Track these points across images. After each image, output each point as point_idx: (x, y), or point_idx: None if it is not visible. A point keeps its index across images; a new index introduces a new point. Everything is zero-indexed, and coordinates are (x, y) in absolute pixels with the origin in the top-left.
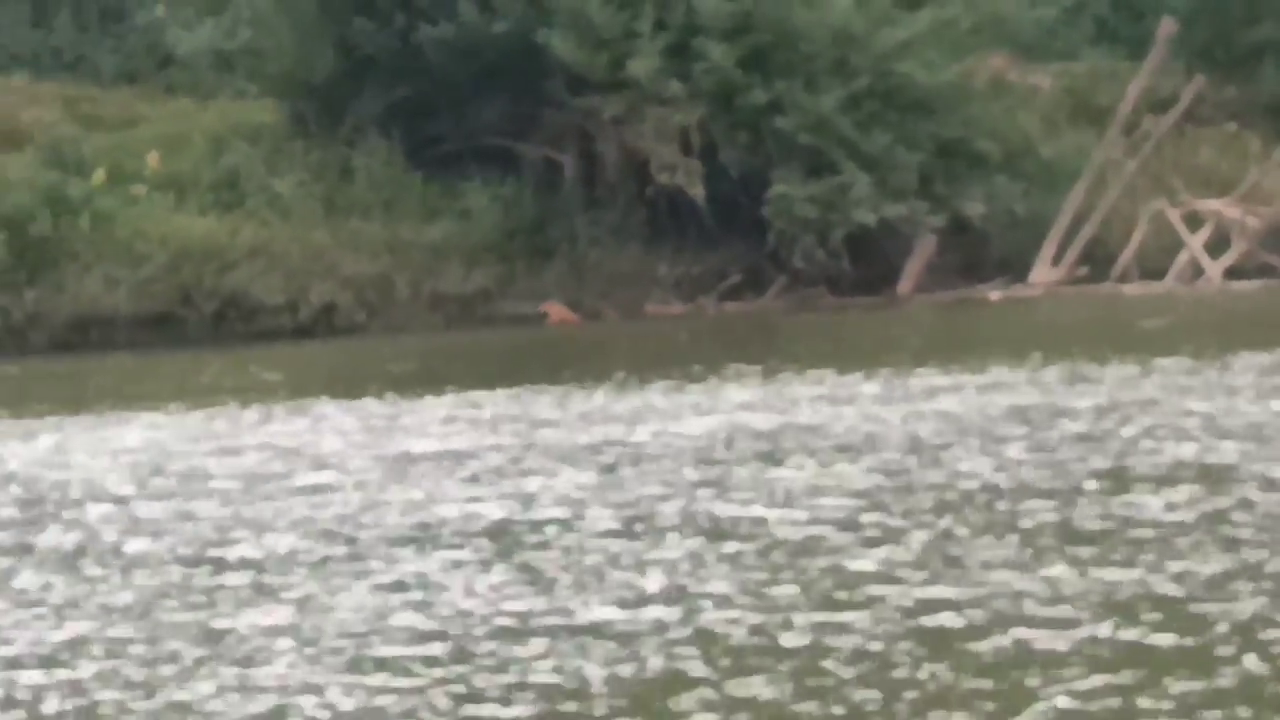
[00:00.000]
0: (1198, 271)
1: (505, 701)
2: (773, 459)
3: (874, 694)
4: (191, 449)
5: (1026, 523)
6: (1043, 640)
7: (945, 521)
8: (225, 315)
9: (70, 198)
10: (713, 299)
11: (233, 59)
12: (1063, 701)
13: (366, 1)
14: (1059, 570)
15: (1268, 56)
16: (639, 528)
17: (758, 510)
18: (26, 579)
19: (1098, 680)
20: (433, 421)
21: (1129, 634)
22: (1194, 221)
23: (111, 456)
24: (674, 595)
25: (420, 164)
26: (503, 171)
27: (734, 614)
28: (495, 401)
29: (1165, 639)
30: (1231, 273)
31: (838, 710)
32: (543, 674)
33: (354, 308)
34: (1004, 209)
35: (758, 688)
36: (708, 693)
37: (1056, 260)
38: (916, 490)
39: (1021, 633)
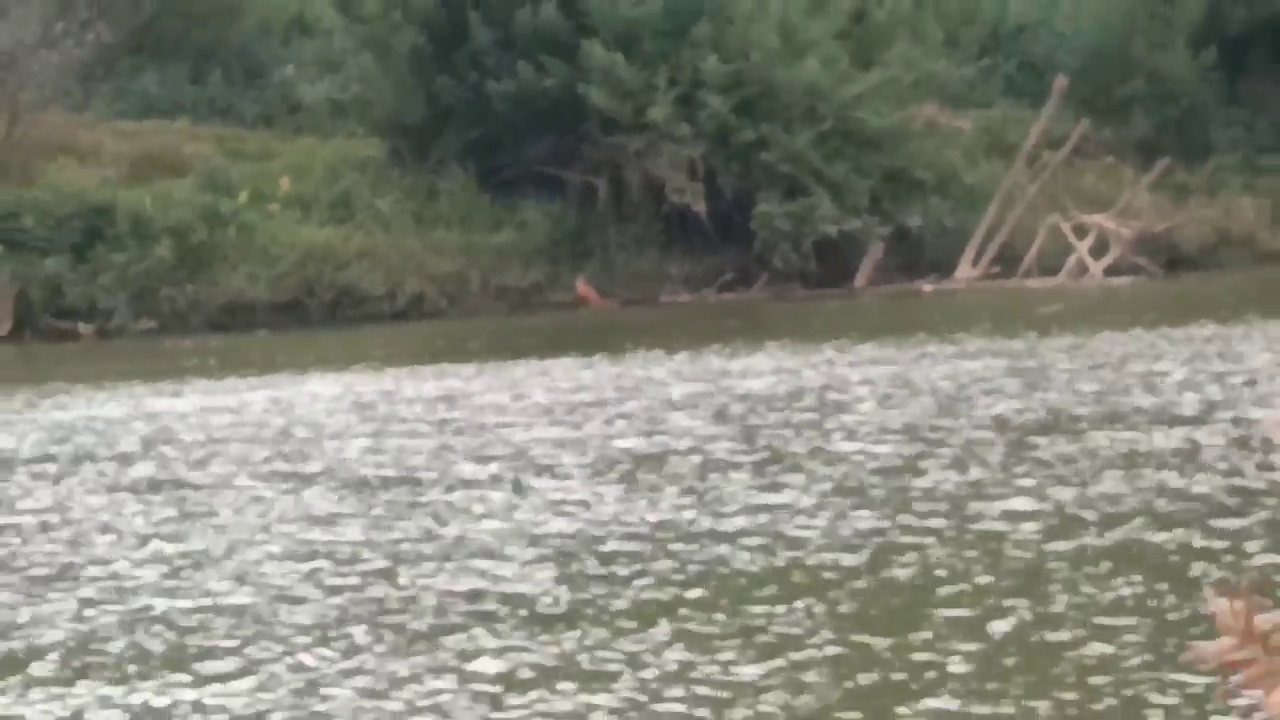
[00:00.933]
0: (1083, 270)
1: (680, 583)
2: (830, 406)
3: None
4: (377, 398)
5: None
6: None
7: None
8: (339, 303)
9: (221, 213)
10: (712, 290)
11: (346, 107)
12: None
13: (447, 63)
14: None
15: (1135, 106)
16: (759, 457)
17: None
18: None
19: None
20: (548, 378)
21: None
22: (1080, 231)
23: (325, 404)
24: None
25: (488, 187)
26: (551, 193)
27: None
28: (590, 365)
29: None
30: (1109, 270)
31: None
32: (698, 563)
33: (437, 297)
34: (935, 222)
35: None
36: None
37: (975, 261)
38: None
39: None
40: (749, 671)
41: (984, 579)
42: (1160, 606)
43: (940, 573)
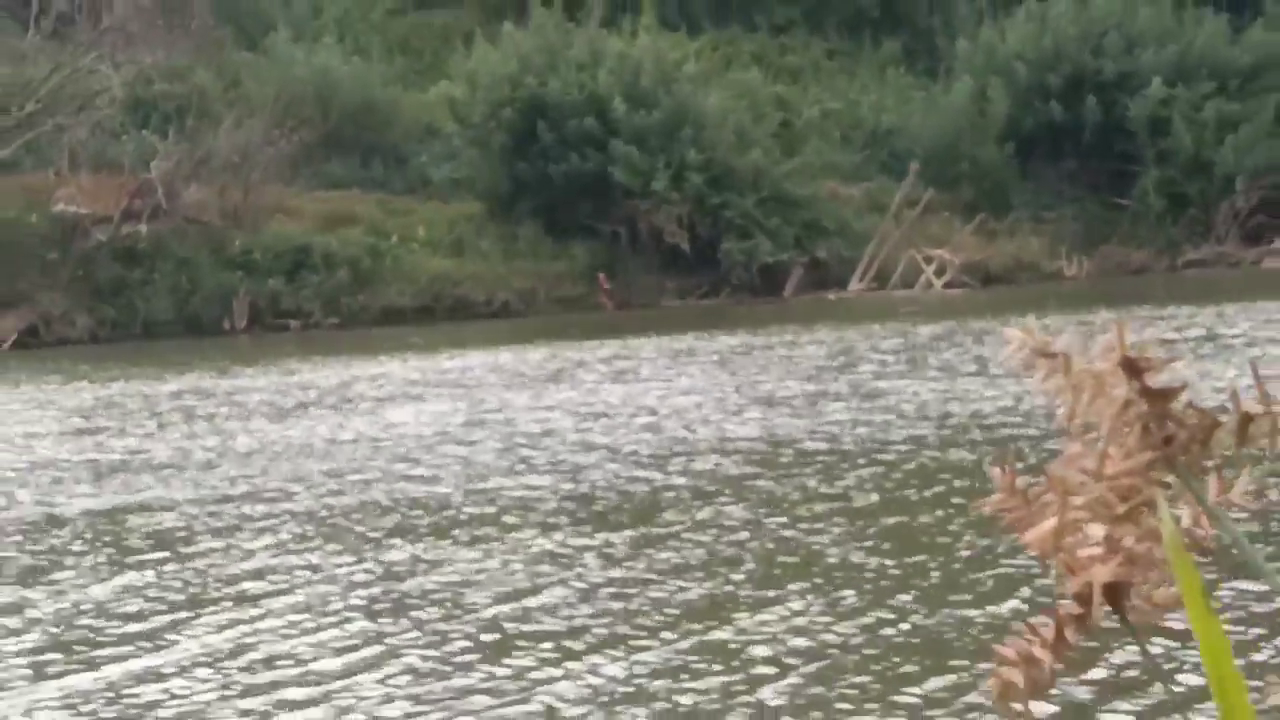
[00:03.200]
0: (929, 285)
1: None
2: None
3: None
4: (535, 371)
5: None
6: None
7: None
8: (455, 307)
9: (380, 250)
10: (693, 298)
11: (460, 182)
12: None
13: (523, 153)
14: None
15: (962, 180)
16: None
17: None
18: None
19: None
20: (648, 354)
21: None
22: (928, 260)
23: (497, 370)
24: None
25: (549, 234)
26: (590, 237)
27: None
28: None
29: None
30: (946, 285)
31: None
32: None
33: (518, 303)
34: (836, 254)
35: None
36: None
37: (862, 278)
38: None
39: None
40: None
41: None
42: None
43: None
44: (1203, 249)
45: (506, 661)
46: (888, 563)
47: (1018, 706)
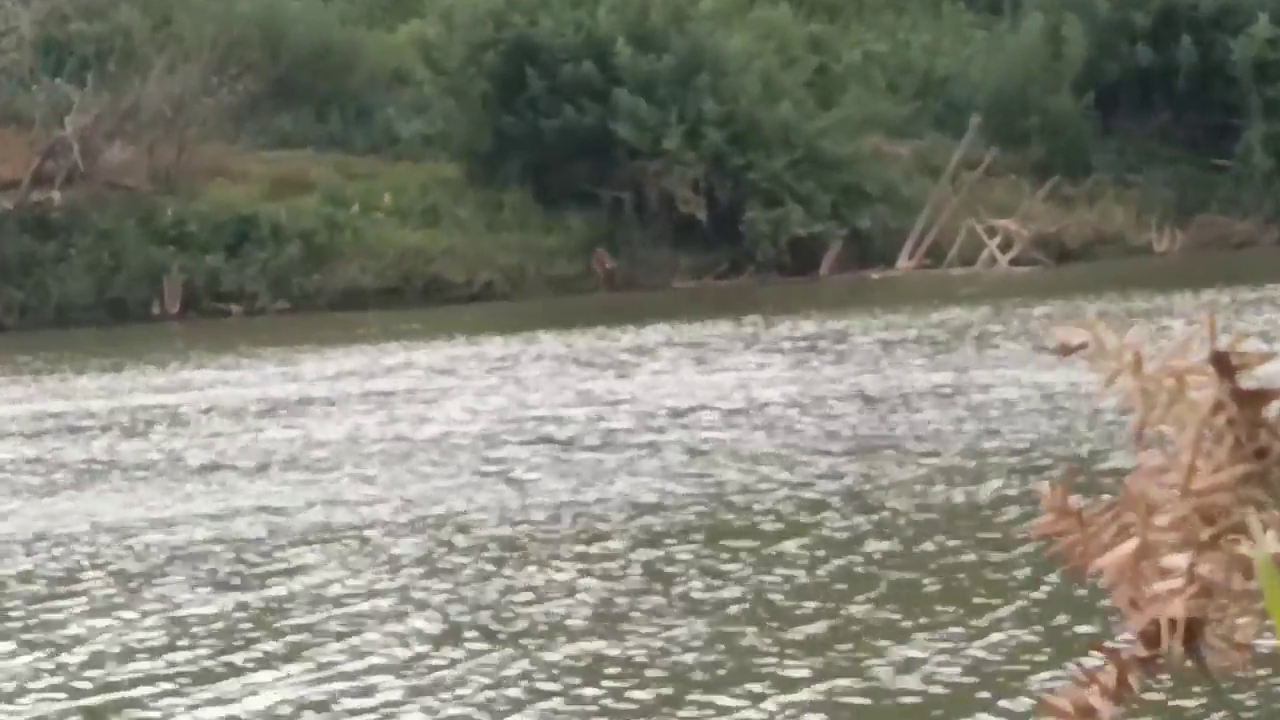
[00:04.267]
0: (993, 262)
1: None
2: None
3: None
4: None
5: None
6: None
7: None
8: (429, 288)
9: (338, 221)
10: (711, 278)
11: (433, 139)
12: None
13: (510, 105)
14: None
15: (1032, 136)
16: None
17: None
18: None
19: None
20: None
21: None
22: (991, 232)
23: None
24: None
25: (540, 201)
26: (588, 205)
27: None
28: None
29: None
30: (1013, 262)
31: None
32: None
33: (503, 284)
34: (881, 225)
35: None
36: None
37: (912, 255)
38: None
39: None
40: None
41: None
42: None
43: None
44: None
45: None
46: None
47: None
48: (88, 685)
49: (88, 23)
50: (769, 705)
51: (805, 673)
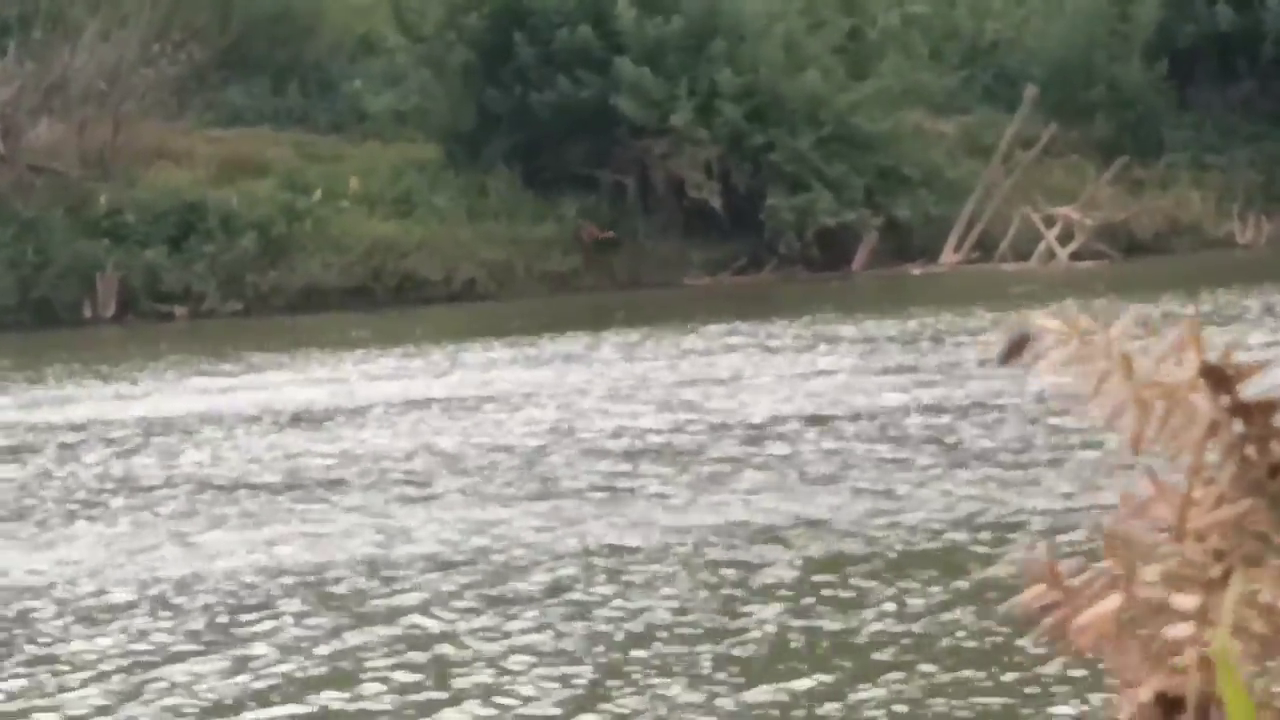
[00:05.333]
0: (1051, 255)
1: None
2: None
3: None
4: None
5: None
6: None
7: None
8: (402, 287)
9: (298, 209)
10: (727, 274)
11: (406, 116)
12: None
13: (495, 77)
14: None
15: (1097, 110)
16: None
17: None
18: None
19: None
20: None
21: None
22: (1049, 221)
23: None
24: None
25: (530, 186)
26: (586, 190)
27: None
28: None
29: None
30: (1074, 256)
31: None
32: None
33: (487, 281)
34: (922, 213)
35: None
36: None
37: (958, 247)
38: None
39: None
40: None
41: None
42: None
43: None
44: None
45: None
46: None
47: None
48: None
49: None
50: None
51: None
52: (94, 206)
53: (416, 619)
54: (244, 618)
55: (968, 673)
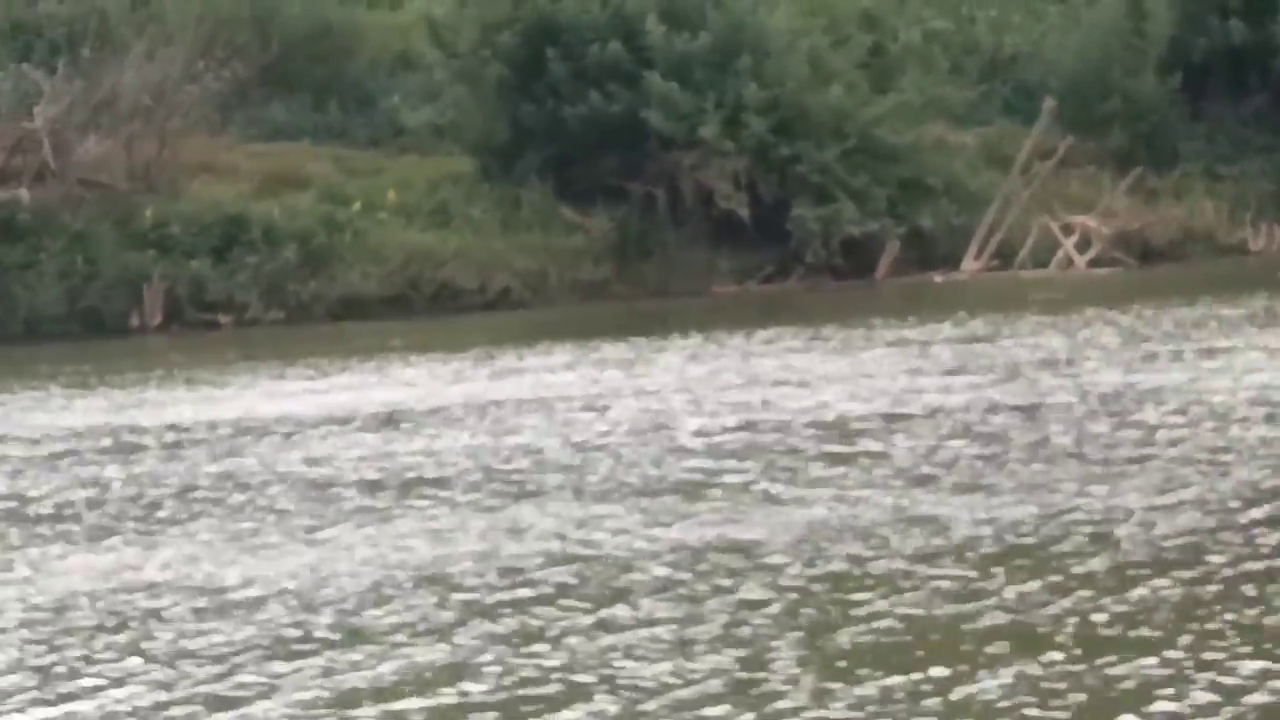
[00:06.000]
0: (1069, 263)
1: None
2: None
3: None
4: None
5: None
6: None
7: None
8: (438, 295)
9: (338, 221)
10: (754, 282)
11: (442, 130)
12: None
13: (528, 92)
14: None
15: (1113, 122)
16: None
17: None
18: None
19: None
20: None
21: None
22: (1067, 230)
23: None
24: None
25: (563, 197)
26: (617, 201)
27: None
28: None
29: None
30: (1091, 263)
31: None
32: None
33: (522, 290)
34: (944, 222)
35: None
36: None
37: (978, 256)
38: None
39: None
40: None
41: None
42: None
43: None
44: None
45: None
46: None
47: None
48: None
49: (59, 3)
50: None
51: None
52: (141, 219)
53: (537, 610)
54: (370, 611)
55: (1073, 664)
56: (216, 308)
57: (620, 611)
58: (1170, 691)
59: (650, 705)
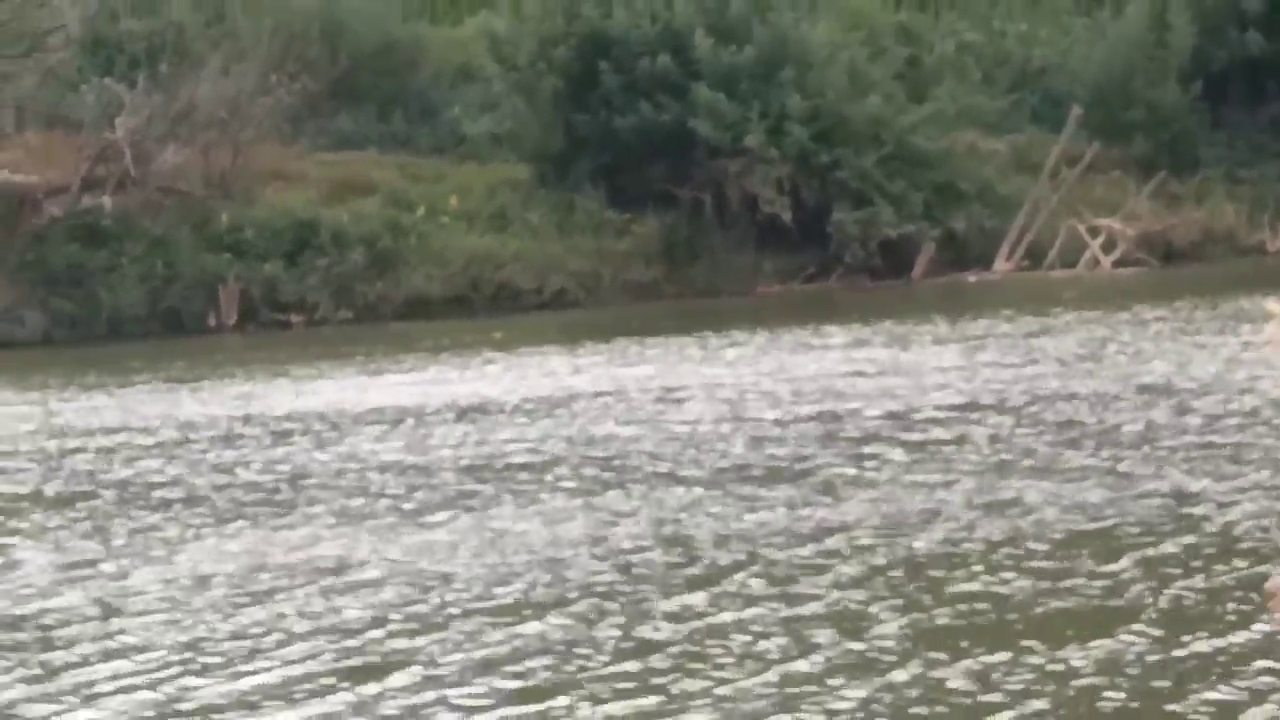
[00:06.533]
0: (1096, 263)
1: None
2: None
3: None
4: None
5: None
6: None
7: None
8: (498, 296)
9: (403, 225)
10: (797, 282)
11: (501, 139)
12: None
13: (582, 103)
14: None
15: (1136, 130)
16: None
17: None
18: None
19: None
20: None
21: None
22: (1093, 232)
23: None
24: None
25: (615, 203)
26: (666, 206)
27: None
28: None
29: None
30: (1117, 263)
31: None
32: None
33: (576, 290)
34: (976, 225)
35: None
36: None
37: (1009, 256)
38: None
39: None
40: None
41: None
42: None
43: None
44: None
45: None
46: None
47: None
48: None
49: (138, 19)
50: None
51: None
52: (217, 224)
53: (646, 588)
54: (493, 589)
55: (1156, 640)
56: (288, 308)
57: (728, 588)
58: (1252, 667)
59: (769, 677)
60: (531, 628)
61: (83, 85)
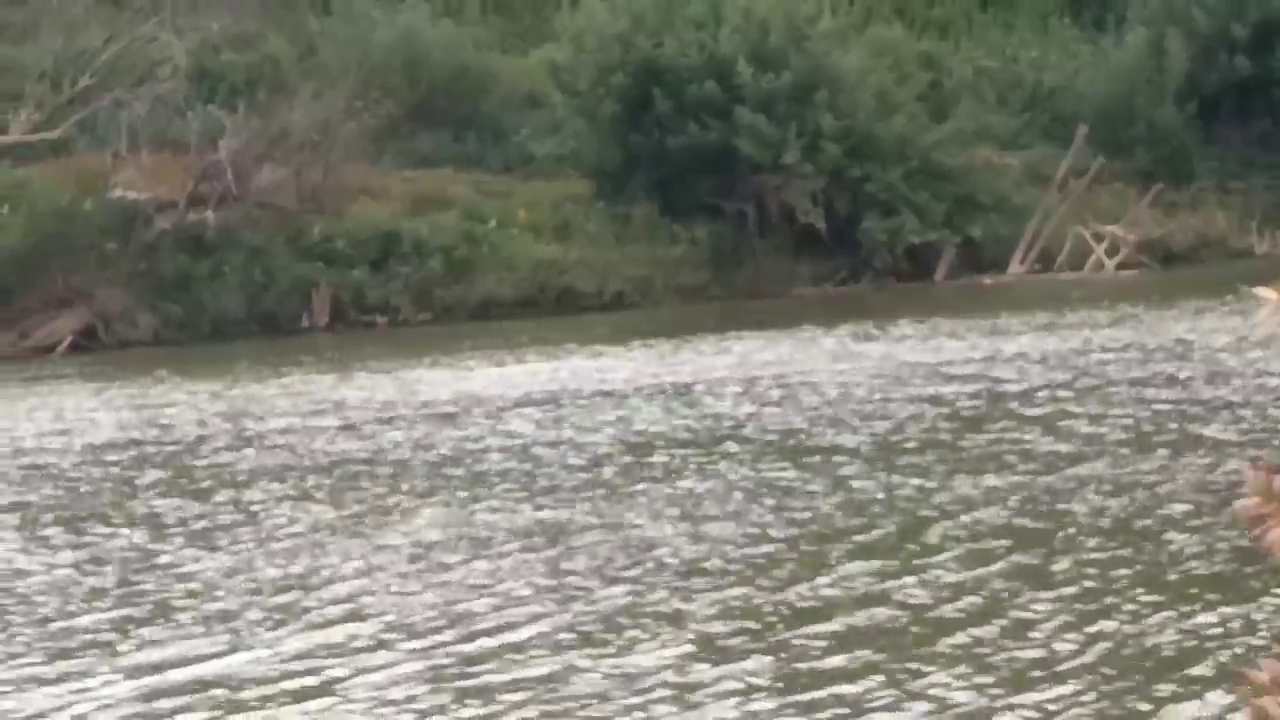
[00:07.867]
0: (1100, 266)
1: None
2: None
3: None
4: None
5: None
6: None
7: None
8: (562, 299)
9: (477, 235)
10: (830, 284)
11: (565, 158)
12: None
13: (637, 124)
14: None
15: (1137, 145)
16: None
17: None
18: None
19: None
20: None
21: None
22: (1098, 237)
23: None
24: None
25: (667, 214)
26: (713, 217)
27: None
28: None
29: None
30: (1120, 266)
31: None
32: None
33: (632, 293)
34: (993, 232)
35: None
36: None
37: (1022, 260)
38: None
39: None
40: None
41: None
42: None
43: None
44: None
45: None
46: None
47: None
48: None
49: (238, 53)
50: None
51: None
52: (309, 235)
53: (838, 555)
54: (681, 553)
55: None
56: (374, 310)
57: (910, 548)
58: None
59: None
60: (730, 592)
61: (189, 112)
